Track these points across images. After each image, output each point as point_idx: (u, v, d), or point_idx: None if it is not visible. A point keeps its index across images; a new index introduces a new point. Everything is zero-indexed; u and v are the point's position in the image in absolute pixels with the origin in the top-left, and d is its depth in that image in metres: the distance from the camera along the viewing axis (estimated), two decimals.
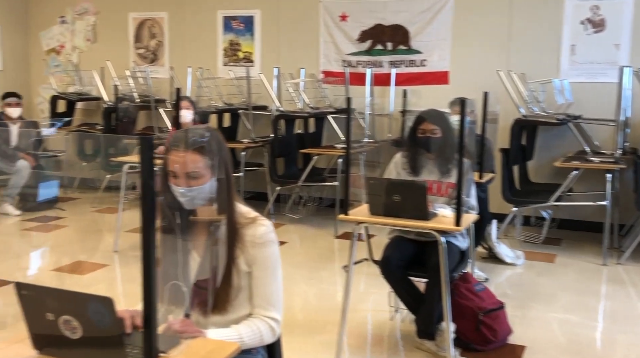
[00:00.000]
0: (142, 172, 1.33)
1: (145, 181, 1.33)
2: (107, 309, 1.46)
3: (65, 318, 1.50)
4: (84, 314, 1.48)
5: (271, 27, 6.70)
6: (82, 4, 7.60)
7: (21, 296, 1.55)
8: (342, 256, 4.97)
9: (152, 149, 1.32)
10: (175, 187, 1.84)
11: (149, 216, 1.33)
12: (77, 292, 1.50)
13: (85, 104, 7.68)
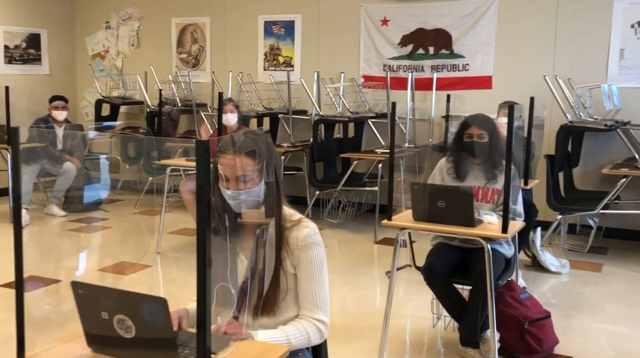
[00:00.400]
0: (197, 176, 1.34)
1: (201, 184, 1.33)
2: (161, 309, 1.47)
3: (120, 317, 1.52)
4: (138, 314, 1.50)
5: (311, 32, 6.72)
6: (127, 9, 7.76)
7: (77, 295, 1.57)
8: (382, 262, 4.94)
9: (208, 152, 1.33)
10: (225, 190, 1.85)
11: (204, 219, 1.33)
12: (131, 291, 1.52)
13: (128, 108, 7.83)
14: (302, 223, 1.90)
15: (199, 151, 1.32)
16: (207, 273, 1.34)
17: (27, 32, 7.50)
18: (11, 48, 7.34)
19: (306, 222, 1.92)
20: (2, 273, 4.57)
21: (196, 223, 1.35)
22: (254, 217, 1.92)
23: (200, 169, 1.32)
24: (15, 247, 1.62)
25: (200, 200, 1.35)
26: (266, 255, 1.87)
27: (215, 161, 1.89)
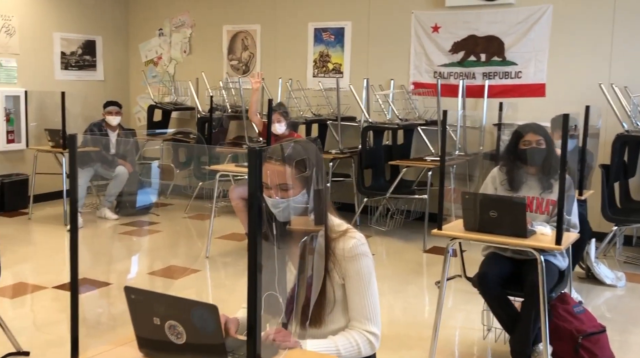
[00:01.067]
0: (249, 182, 1.34)
1: (253, 192, 1.33)
2: (212, 316, 1.48)
3: (171, 323, 1.53)
4: (189, 320, 1.51)
5: (361, 39, 6.71)
6: (180, 17, 7.91)
7: (130, 300, 1.59)
8: (431, 271, 4.87)
9: (260, 160, 1.33)
10: (267, 198, 1.85)
11: (255, 226, 1.33)
12: (183, 298, 1.53)
13: (179, 114, 7.97)
14: (348, 234, 1.88)
15: (251, 158, 1.32)
16: (257, 280, 1.34)
17: (83, 39, 7.73)
18: (67, 54, 7.57)
19: (353, 232, 1.90)
20: (55, 275, 4.70)
21: (247, 230, 1.35)
22: (302, 225, 1.91)
23: (252, 176, 1.32)
24: (70, 251, 1.66)
25: (251, 207, 1.35)
26: (315, 264, 1.86)
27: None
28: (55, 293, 4.29)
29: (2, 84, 6.83)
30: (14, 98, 6.95)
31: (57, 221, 6.35)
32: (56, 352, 3.35)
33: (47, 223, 6.31)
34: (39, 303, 4.13)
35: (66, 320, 3.84)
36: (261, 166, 1.35)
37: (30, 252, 5.39)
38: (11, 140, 6.93)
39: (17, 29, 6.92)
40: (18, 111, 6.99)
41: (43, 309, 4.04)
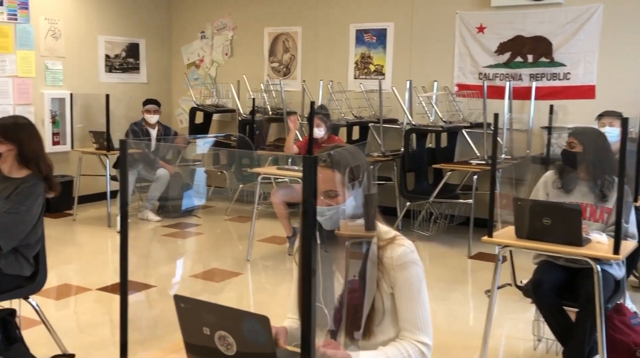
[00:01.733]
0: (304, 190, 1.28)
1: (307, 200, 1.27)
2: (263, 327, 1.42)
3: (221, 333, 1.48)
4: (240, 331, 1.46)
5: (404, 40, 6.61)
6: (222, 19, 7.94)
7: (179, 308, 1.55)
8: (476, 277, 4.75)
9: (316, 167, 1.27)
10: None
11: (309, 237, 1.27)
12: (234, 308, 1.48)
13: (220, 116, 8.00)
14: (396, 241, 1.81)
15: (306, 166, 1.27)
16: (312, 293, 1.27)
17: (127, 42, 7.82)
18: (112, 57, 7.67)
19: (401, 239, 1.82)
20: (99, 276, 4.74)
21: (301, 240, 1.29)
22: (351, 231, 1.84)
23: (307, 183, 1.27)
24: (121, 257, 1.63)
25: (305, 214, 1.29)
26: (368, 273, 1.79)
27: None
28: (98, 295, 4.32)
29: (49, 86, 6.95)
30: (60, 100, 7.07)
31: (101, 222, 6.42)
32: (100, 355, 3.36)
33: (91, 225, 6.39)
34: (83, 305, 4.16)
35: (109, 323, 3.86)
36: (316, 173, 1.29)
37: (75, 253, 5.46)
38: (57, 142, 7.05)
39: (62, 32, 7.04)
40: (63, 113, 7.11)
41: (87, 311, 4.07)
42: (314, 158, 1.28)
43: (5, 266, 2.95)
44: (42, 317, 3.19)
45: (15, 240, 2.86)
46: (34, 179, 2.93)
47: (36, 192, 2.90)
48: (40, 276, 3.13)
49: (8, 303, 3.05)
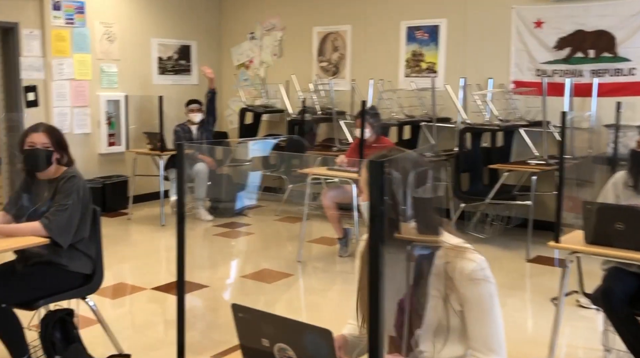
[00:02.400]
0: (371, 195, 1.20)
1: (375, 205, 1.19)
2: (326, 342, 1.35)
3: (281, 346, 1.42)
4: (301, 344, 1.39)
5: (457, 36, 6.45)
6: (271, 20, 7.93)
7: (237, 318, 1.50)
8: (535, 282, 4.57)
9: (383, 172, 1.19)
10: (364, 203, 1.78)
11: (376, 242, 1.20)
12: (295, 320, 1.41)
13: (269, 116, 7.99)
14: (467, 256, 1.69)
15: (372, 170, 1.19)
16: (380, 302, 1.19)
17: (179, 44, 7.90)
18: (164, 59, 7.76)
19: (472, 254, 1.71)
20: (153, 275, 4.78)
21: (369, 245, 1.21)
22: (409, 233, 1.76)
23: (374, 188, 1.20)
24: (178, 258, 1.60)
25: (373, 221, 1.21)
26: (430, 285, 1.69)
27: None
28: (153, 294, 4.34)
29: (104, 88, 7.08)
30: (115, 102, 7.19)
31: (154, 221, 6.49)
32: (155, 355, 3.37)
33: (145, 224, 6.47)
34: (138, 304, 4.19)
35: (164, 323, 3.87)
36: (384, 178, 1.21)
37: (130, 252, 5.52)
38: (112, 143, 7.18)
39: (117, 35, 7.16)
40: (118, 115, 7.23)
41: (141, 311, 4.09)
42: (380, 163, 1.20)
43: (69, 263, 2.98)
44: (99, 317, 3.21)
45: (71, 234, 2.90)
46: (69, 172, 2.97)
47: (76, 183, 2.94)
48: (98, 275, 3.15)
49: (66, 303, 3.08)
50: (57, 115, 6.62)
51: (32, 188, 3.05)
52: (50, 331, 2.93)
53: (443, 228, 1.75)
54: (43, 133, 2.96)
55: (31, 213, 2.93)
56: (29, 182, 3.08)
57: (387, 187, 1.22)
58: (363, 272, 1.78)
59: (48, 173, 3.01)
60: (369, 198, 1.75)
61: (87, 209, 3.00)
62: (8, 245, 2.78)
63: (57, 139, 2.99)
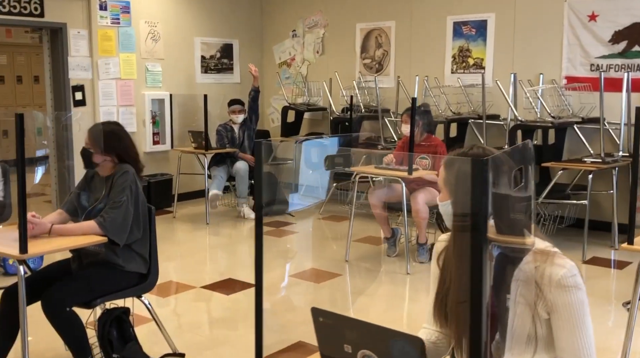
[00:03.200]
0: (473, 196, 1.13)
1: (477, 205, 1.12)
2: (416, 350, 1.28)
3: (365, 352, 1.36)
4: (387, 351, 1.32)
5: (506, 31, 6.29)
6: (313, 17, 7.88)
7: (317, 322, 1.44)
8: (593, 285, 4.41)
9: (487, 171, 1.12)
10: (441, 203, 1.73)
11: (479, 245, 1.12)
12: (382, 326, 1.35)
13: (311, 114, 7.94)
14: (556, 261, 1.60)
15: (475, 169, 1.12)
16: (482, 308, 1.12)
17: (221, 43, 7.91)
18: (207, 58, 7.77)
19: (561, 259, 1.61)
20: (197, 274, 4.76)
21: (472, 250, 1.13)
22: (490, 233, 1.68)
23: (477, 189, 1.12)
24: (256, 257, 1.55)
25: (476, 229, 1.13)
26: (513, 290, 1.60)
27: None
28: (200, 293, 4.33)
29: (149, 87, 7.12)
30: (159, 101, 7.23)
31: (199, 219, 6.51)
32: (210, 354, 3.34)
33: (190, 222, 6.48)
34: (186, 303, 4.18)
35: (214, 322, 3.85)
36: (486, 178, 1.13)
37: (175, 250, 5.53)
38: (157, 141, 7.22)
39: (161, 34, 7.20)
40: (162, 114, 7.27)
41: (192, 309, 4.08)
42: (483, 161, 1.13)
43: (125, 263, 2.98)
44: (154, 315, 3.20)
45: (126, 232, 2.89)
46: (122, 168, 2.98)
47: (128, 179, 2.93)
48: (153, 274, 3.14)
49: (121, 301, 3.08)
50: (103, 115, 6.68)
51: (91, 186, 3.05)
52: (108, 329, 2.93)
53: (528, 231, 1.66)
54: (88, 133, 3.02)
55: (89, 212, 2.93)
56: (88, 180, 3.09)
57: (487, 186, 1.14)
58: (445, 274, 1.70)
59: (104, 170, 3.02)
60: (451, 197, 1.68)
61: (140, 207, 2.99)
62: (66, 244, 2.79)
63: (96, 139, 2.99)
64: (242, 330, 3.71)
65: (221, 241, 5.97)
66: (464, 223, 1.24)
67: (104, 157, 2.99)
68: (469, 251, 1.13)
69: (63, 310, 2.72)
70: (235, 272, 4.86)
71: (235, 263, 5.27)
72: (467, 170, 1.14)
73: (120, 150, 3.02)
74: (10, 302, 2.81)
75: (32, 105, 10.71)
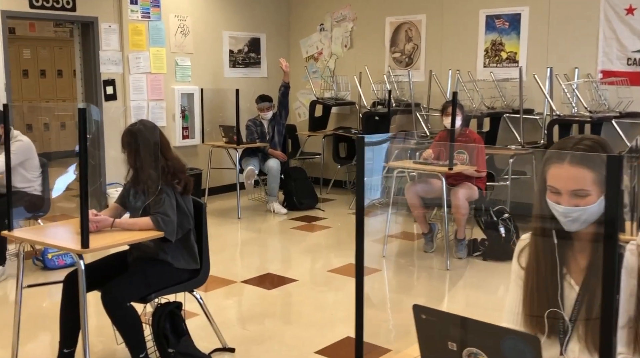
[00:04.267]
0: (608, 197, 1.09)
1: (612, 204, 1.09)
2: (532, 349, 1.26)
3: (472, 350, 1.34)
4: (498, 349, 1.30)
5: (541, 25, 6.22)
6: (341, 11, 7.84)
7: (419, 319, 1.42)
8: None
9: (622, 169, 1.09)
10: (555, 205, 1.60)
11: (612, 252, 1.09)
12: (493, 324, 1.33)
13: (339, 109, 7.92)
14: None
15: (611, 166, 1.09)
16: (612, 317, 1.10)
17: (249, 37, 7.89)
18: (235, 52, 7.76)
19: None
20: (237, 268, 4.76)
21: (604, 251, 1.11)
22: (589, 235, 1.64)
23: (612, 188, 1.09)
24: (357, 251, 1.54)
25: (610, 238, 1.09)
26: (622, 284, 1.57)
27: (544, 170, 1.65)
28: (242, 287, 4.33)
29: (178, 82, 7.13)
30: (188, 95, 7.23)
31: (230, 214, 6.51)
32: (259, 350, 3.34)
33: (221, 217, 6.49)
34: (230, 298, 4.18)
35: (260, 317, 3.84)
36: (621, 176, 1.10)
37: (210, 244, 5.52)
38: (186, 136, 7.23)
39: (191, 28, 7.19)
40: (192, 108, 7.27)
41: (235, 304, 4.08)
42: (620, 158, 1.10)
43: (173, 261, 2.99)
44: (205, 310, 3.20)
45: (174, 227, 2.89)
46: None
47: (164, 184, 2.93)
48: (204, 269, 3.15)
49: (171, 295, 3.08)
50: (134, 109, 6.70)
51: (140, 182, 3.04)
52: (163, 324, 2.93)
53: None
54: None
55: (146, 207, 2.94)
56: (137, 176, 3.08)
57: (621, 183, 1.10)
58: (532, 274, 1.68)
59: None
60: (606, 202, 1.63)
61: (184, 202, 2.99)
62: (124, 239, 2.80)
63: (122, 140, 3.01)
64: (288, 325, 3.71)
65: (253, 236, 5.97)
66: (611, 226, 1.16)
67: (129, 158, 3.03)
68: (608, 255, 1.09)
69: (123, 305, 2.73)
70: (272, 266, 4.86)
71: (271, 258, 5.27)
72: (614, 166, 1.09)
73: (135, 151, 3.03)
74: (72, 288, 2.84)
75: (55, 99, 10.76)
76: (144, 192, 2.98)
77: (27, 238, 2.76)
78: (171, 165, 3.02)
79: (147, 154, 2.96)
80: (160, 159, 2.99)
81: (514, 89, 6.28)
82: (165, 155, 3.03)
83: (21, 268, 2.86)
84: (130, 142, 2.99)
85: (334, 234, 5.85)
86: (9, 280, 4.51)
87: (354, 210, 6.77)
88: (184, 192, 3.03)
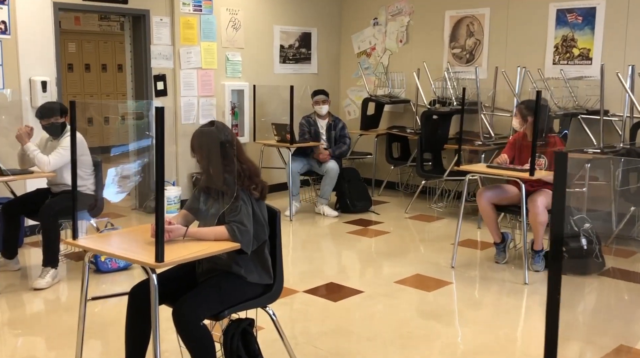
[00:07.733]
0: None
1: None
2: None
3: None
4: None
5: (618, 19, 5.80)
6: (397, 4, 7.50)
7: None
8: None
9: None
10: None
11: None
12: None
13: (392, 107, 7.58)
14: None
15: None
16: None
17: (300, 32, 7.60)
18: (286, 47, 7.48)
19: None
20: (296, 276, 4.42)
21: None
22: None
23: None
24: None
25: None
26: None
27: None
28: (306, 298, 4.04)
29: (229, 78, 6.88)
30: (239, 92, 6.98)
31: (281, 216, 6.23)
32: None
33: None
34: (296, 310, 3.89)
35: (330, 332, 3.51)
36: None
37: None
38: (236, 134, 6.96)
39: (242, 23, 6.93)
40: (241, 105, 7.02)
41: (301, 317, 3.79)
42: None
43: (247, 273, 2.72)
44: (278, 327, 2.91)
45: (251, 238, 2.61)
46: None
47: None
48: (278, 284, 2.86)
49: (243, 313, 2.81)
50: (184, 105, 6.48)
51: (213, 187, 2.77)
52: (237, 344, 2.66)
53: None
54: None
55: (221, 216, 2.66)
56: (209, 181, 2.81)
57: None
58: None
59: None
60: None
61: (259, 210, 2.71)
62: (200, 251, 2.51)
63: (192, 143, 2.77)
64: (360, 343, 3.40)
65: (307, 239, 5.67)
66: None
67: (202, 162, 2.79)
68: None
69: (197, 325, 2.46)
70: (333, 274, 4.57)
71: (330, 265, 4.97)
72: None
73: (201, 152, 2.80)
74: (138, 301, 2.60)
75: (99, 93, 10.64)
76: (217, 198, 2.71)
77: (94, 249, 2.51)
78: (246, 169, 2.73)
79: (221, 157, 2.68)
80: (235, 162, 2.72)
81: (587, 88, 5.87)
82: (240, 158, 2.74)
83: (86, 280, 2.61)
84: (202, 144, 2.72)
85: (392, 240, 5.53)
86: (62, 284, 4.31)
87: (410, 214, 6.43)
88: (261, 198, 2.75)
